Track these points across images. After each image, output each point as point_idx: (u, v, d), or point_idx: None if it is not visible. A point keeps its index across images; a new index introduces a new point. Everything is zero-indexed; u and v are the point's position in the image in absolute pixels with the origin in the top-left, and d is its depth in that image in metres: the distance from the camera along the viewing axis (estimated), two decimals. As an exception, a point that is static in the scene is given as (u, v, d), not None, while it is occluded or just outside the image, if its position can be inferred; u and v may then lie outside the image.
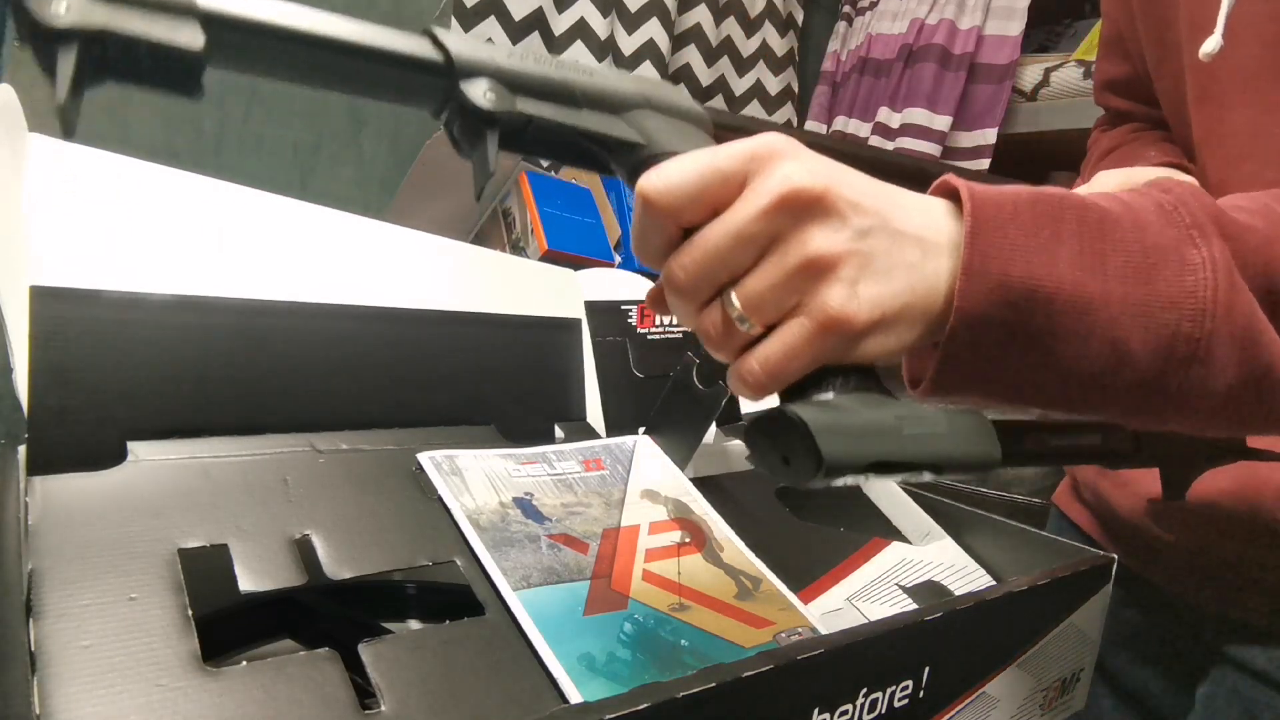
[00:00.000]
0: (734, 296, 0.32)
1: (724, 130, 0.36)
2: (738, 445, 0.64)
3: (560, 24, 1.74)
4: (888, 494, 0.68)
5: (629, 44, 1.82)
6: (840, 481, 0.32)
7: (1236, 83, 0.55)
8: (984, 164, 1.64)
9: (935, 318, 0.32)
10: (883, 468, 0.32)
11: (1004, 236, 0.31)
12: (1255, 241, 0.33)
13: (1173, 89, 0.62)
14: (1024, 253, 0.31)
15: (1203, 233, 0.32)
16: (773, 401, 0.35)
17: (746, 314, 0.32)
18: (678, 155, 0.32)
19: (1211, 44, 0.55)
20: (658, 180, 0.31)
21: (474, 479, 0.49)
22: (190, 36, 0.29)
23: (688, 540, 0.50)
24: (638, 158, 0.34)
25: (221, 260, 0.48)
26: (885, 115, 1.75)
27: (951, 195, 0.34)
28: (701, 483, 0.56)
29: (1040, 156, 1.61)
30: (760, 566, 0.50)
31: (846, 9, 2.00)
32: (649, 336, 0.65)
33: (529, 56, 0.33)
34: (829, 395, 0.33)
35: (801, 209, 0.30)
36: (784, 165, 0.31)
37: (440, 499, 0.47)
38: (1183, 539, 0.60)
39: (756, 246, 0.31)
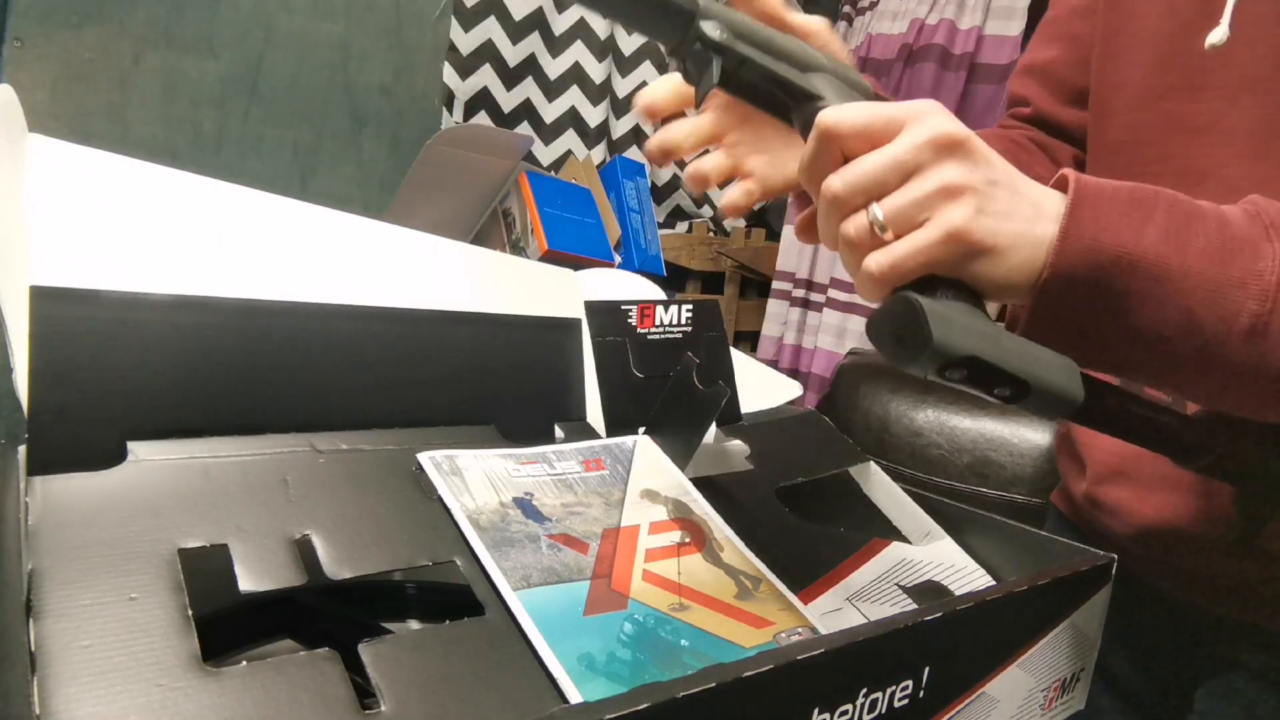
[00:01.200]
0: (877, 208, 0.39)
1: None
2: (738, 445, 0.64)
3: (560, 24, 1.74)
4: (888, 494, 0.68)
5: (629, 44, 1.82)
6: (938, 373, 0.38)
7: (1247, 78, 0.55)
8: (984, 164, 1.64)
9: (1035, 275, 0.39)
10: (978, 367, 0.37)
11: (1099, 210, 0.38)
12: None
13: (1134, 80, 0.61)
14: (1115, 225, 0.37)
15: (1277, 233, 0.38)
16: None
17: (886, 222, 0.39)
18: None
19: (1218, 34, 0.55)
20: (836, 114, 0.39)
21: (474, 479, 0.49)
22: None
23: (688, 540, 0.50)
24: (814, 108, 0.42)
25: (221, 260, 0.48)
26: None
27: (1066, 187, 0.40)
28: (701, 483, 0.56)
29: (1040, 156, 1.61)
30: (760, 566, 0.50)
31: (846, 9, 2.00)
32: (649, 336, 0.65)
33: (751, 21, 0.44)
34: (940, 298, 0.39)
35: (946, 148, 0.38)
36: (936, 116, 0.39)
37: (440, 499, 0.47)
38: (1176, 558, 0.60)
39: (904, 172, 0.38)
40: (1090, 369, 0.41)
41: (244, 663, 0.33)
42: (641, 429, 0.60)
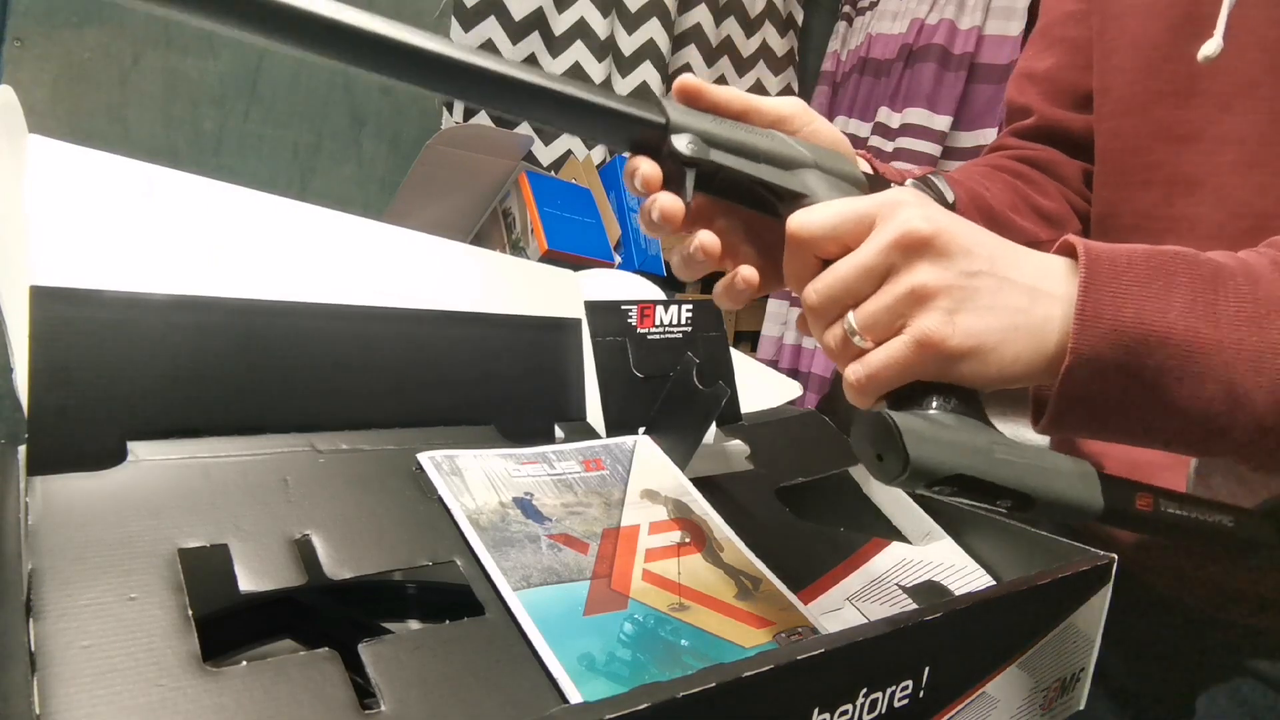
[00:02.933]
0: (851, 316, 0.37)
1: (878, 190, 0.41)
2: (738, 445, 0.64)
3: (560, 24, 1.74)
4: (888, 494, 0.68)
5: (629, 44, 1.82)
6: (927, 489, 0.36)
7: (1241, 85, 0.54)
8: (984, 164, 1.64)
9: (1046, 359, 0.36)
10: (968, 483, 0.35)
11: (1117, 285, 0.35)
12: None
13: (1121, 86, 0.60)
14: (1136, 300, 0.35)
15: None
16: None
17: (860, 331, 0.37)
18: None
19: (1212, 46, 0.54)
20: (804, 218, 0.38)
21: (474, 479, 0.49)
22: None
23: (688, 540, 0.50)
24: (801, 206, 0.40)
25: (222, 261, 0.48)
26: (885, 115, 1.75)
27: (1070, 253, 0.38)
28: (701, 483, 0.56)
29: (1040, 156, 1.61)
30: (760, 566, 0.50)
31: (846, 9, 2.00)
32: (649, 336, 0.65)
33: (726, 124, 0.42)
34: (930, 410, 0.37)
35: (914, 247, 0.36)
36: (905, 211, 0.36)
37: (440, 499, 0.47)
38: (1179, 563, 0.60)
39: (875, 277, 0.36)
40: (1141, 445, 0.39)
41: (244, 663, 0.33)
42: (641, 429, 0.60)
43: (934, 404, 0.37)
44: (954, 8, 1.69)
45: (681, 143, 0.40)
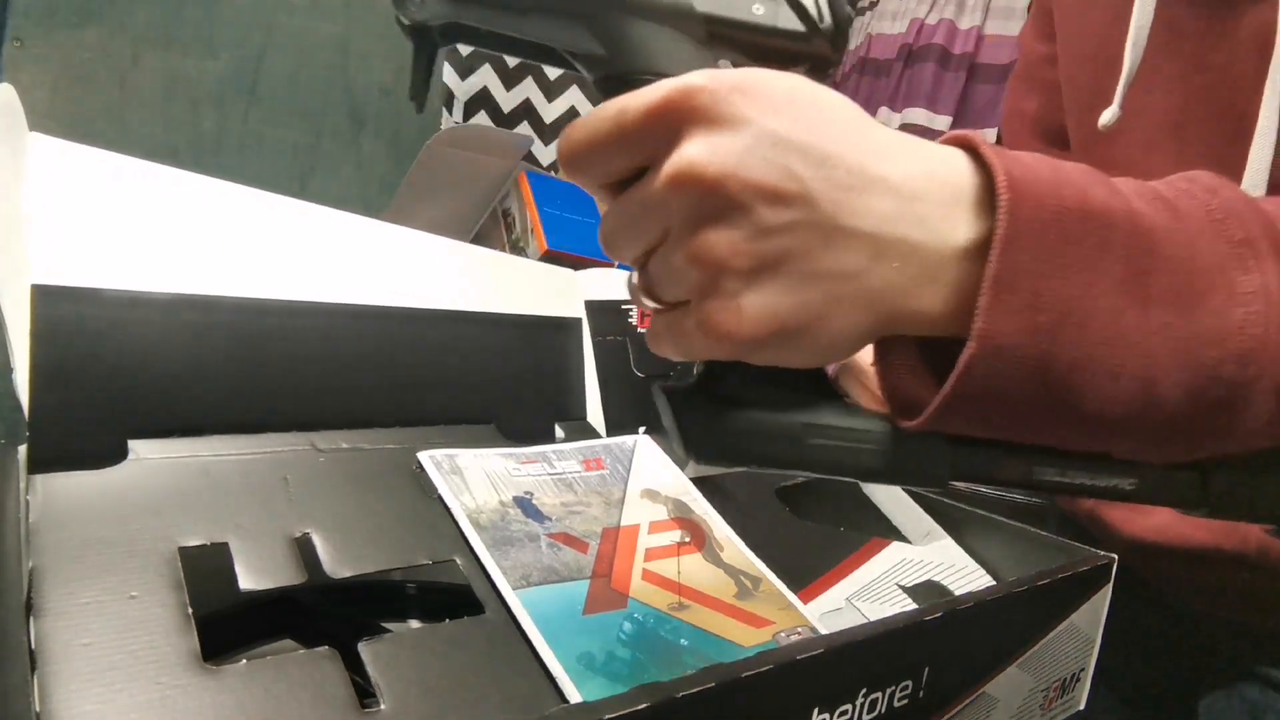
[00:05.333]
0: (633, 276, 0.29)
1: (718, 34, 0.30)
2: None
3: (560, 24, 1.74)
4: (888, 493, 0.68)
5: (629, 44, 1.82)
6: (727, 468, 0.29)
7: (1136, 152, 0.54)
8: (984, 164, 1.64)
9: (888, 332, 0.28)
10: (775, 466, 0.29)
11: (1043, 242, 0.25)
12: None
13: (1073, 126, 0.62)
14: (1061, 268, 0.26)
15: (1254, 251, 0.27)
16: None
17: (642, 294, 0.29)
18: (631, 91, 0.27)
19: (1108, 115, 0.53)
20: (565, 134, 0.27)
21: (474, 478, 0.49)
22: None
23: (687, 540, 0.50)
24: (605, 72, 0.29)
25: (222, 261, 0.48)
26: (885, 115, 1.75)
27: (969, 149, 0.28)
28: (701, 482, 0.56)
29: (1040, 157, 1.61)
30: (760, 566, 0.50)
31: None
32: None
33: None
34: (735, 379, 0.29)
35: (693, 194, 0.25)
36: (687, 140, 0.25)
37: (440, 498, 0.47)
38: (1182, 569, 0.60)
39: (652, 231, 0.27)
40: (1023, 440, 0.30)
41: (244, 661, 0.33)
42: (641, 428, 0.60)
43: (743, 372, 0.29)
44: (954, 8, 1.69)
45: (413, 4, 0.27)
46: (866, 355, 0.30)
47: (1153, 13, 0.51)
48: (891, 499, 0.67)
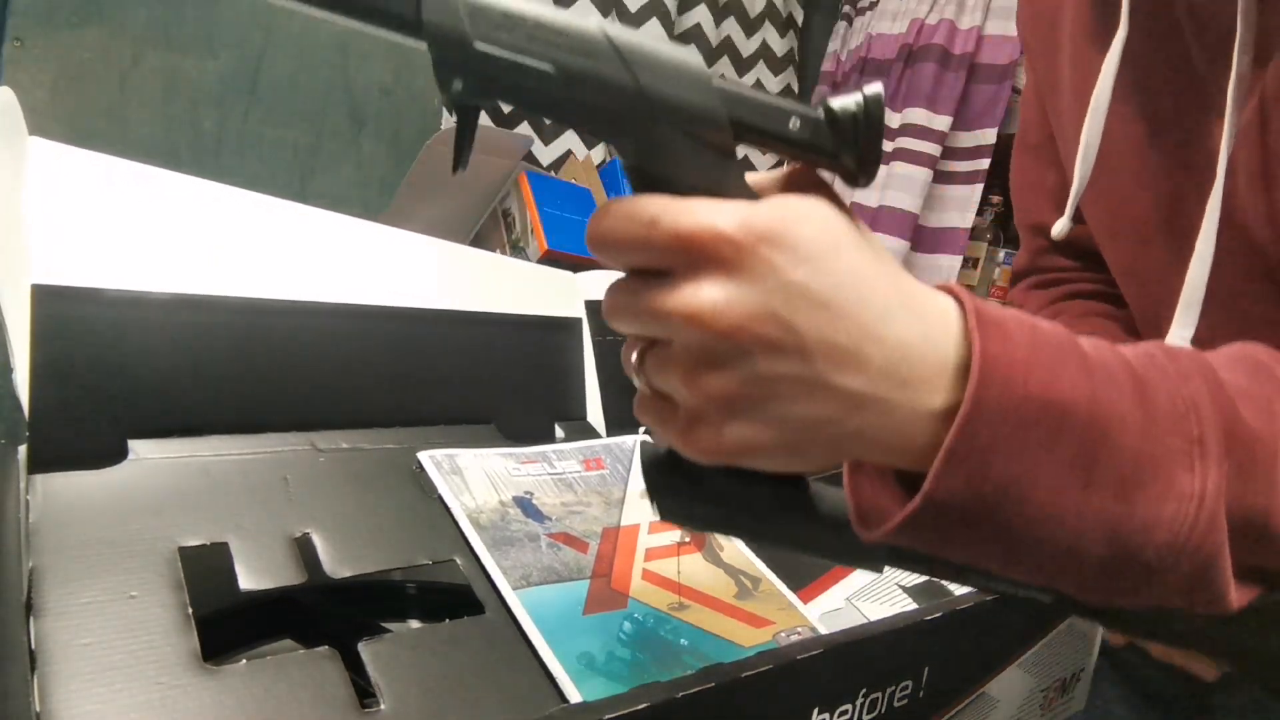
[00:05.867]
0: (633, 361, 0.31)
1: (753, 141, 0.30)
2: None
3: (560, 24, 1.74)
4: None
5: (629, 44, 1.82)
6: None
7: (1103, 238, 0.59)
8: (984, 164, 1.64)
9: (848, 463, 0.31)
10: (734, 535, 0.32)
11: (999, 430, 0.28)
12: (1262, 457, 0.31)
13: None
14: (1008, 453, 0.28)
15: (1203, 452, 0.30)
16: None
17: (634, 374, 0.31)
18: (658, 196, 0.28)
19: (1059, 227, 0.56)
20: (596, 219, 0.29)
21: (474, 478, 0.49)
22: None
23: (687, 540, 0.50)
24: (633, 164, 0.30)
25: (222, 261, 0.48)
26: (885, 115, 1.75)
27: (958, 319, 0.30)
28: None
29: (1040, 157, 1.61)
30: (760, 566, 0.50)
31: (846, 9, 2.00)
32: (649, 336, 0.65)
33: (528, 29, 0.27)
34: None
35: (703, 337, 0.27)
36: (708, 280, 0.27)
37: (440, 498, 0.47)
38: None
39: (657, 335, 0.29)
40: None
41: (244, 661, 0.33)
42: (641, 428, 0.60)
43: None
44: (954, 8, 1.69)
45: (449, 81, 0.27)
46: None
47: (1100, 131, 0.55)
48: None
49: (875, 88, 0.30)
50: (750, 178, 0.31)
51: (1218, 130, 0.48)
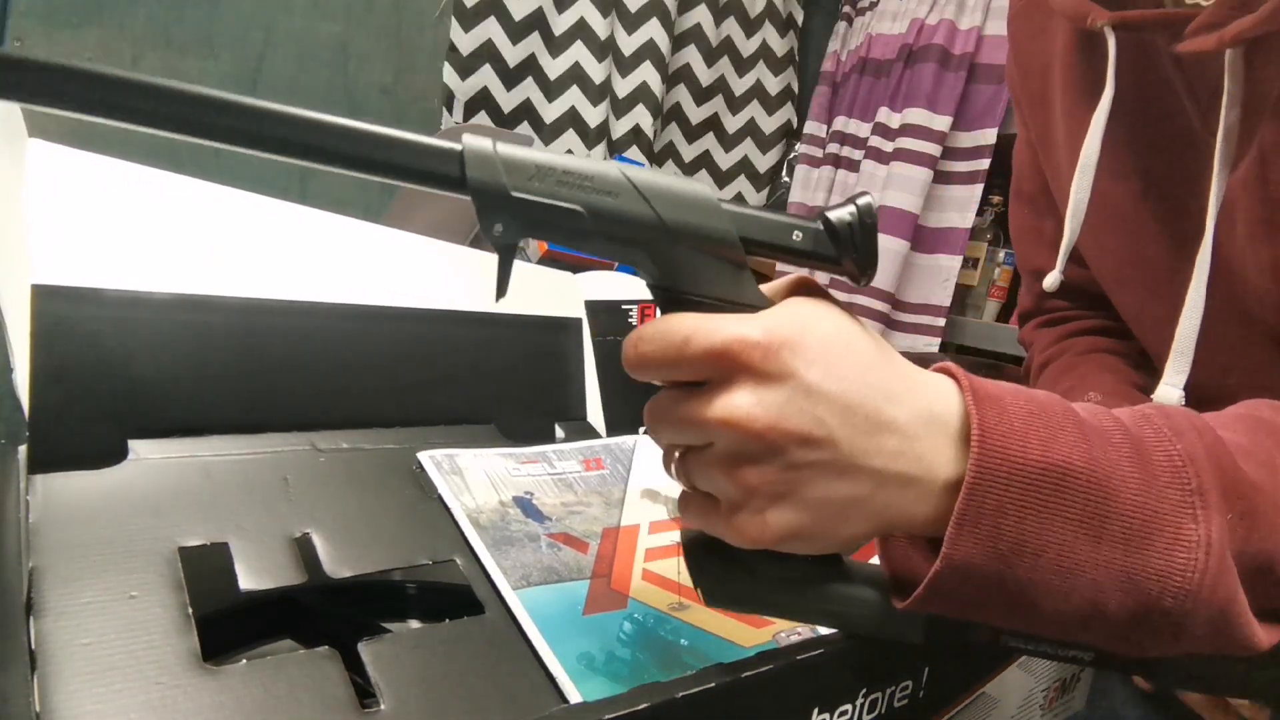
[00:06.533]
0: (673, 466, 0.35)
1: (761, 254, 0.34)
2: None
3: (560, 24, 1.74)
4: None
5: (629, 44, 1.82)
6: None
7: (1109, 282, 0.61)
8: (984, 164, 1.64)
9: (884, 533, 0.34)
10: (775, 615, 0.36)
11: (1005, 494, 0.31)
12: (1264, 506, 0.33)
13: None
14: (1019, 513, 0.31)
15: (1204, 502, 0.32)
16: None
17: (677, 478, 0.35)
18: (671, 316, 0.32)
19: (1050, 280, 0.59)
20: (633, 342, 0.33)
21: (474, 478, 0.49)
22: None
23: (687, 540, 0.50)
24: (658, 284, 0.34)
25: (222, 261, 0.48)
26: (885, 115, 1.75)
27: (956, 394, 0.33)
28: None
29: (1040, 157, 1.61)
30: (760, 566, 0.50)
31: (846, 9, 2.00)
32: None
33: (557, 178, 0.32)
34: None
35: (740, 439, 0.31)
36: (739, 387, 0.31)
37: (440, 498, 0.47)
38: None
39: (696, 441, 0.33)
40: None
41: (244, 661, 0.33)
42: (642, 428, 0.60)
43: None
44: (954, 8, 1.69)
45: (494, 229, 0.32)
46: None
47: (1089, 188, 0.56)
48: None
49: (866, 199, 0.34)
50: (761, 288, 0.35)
51: (1211, 179, 0.49)
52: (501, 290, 0.34)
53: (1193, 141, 0.52)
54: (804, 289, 0.35)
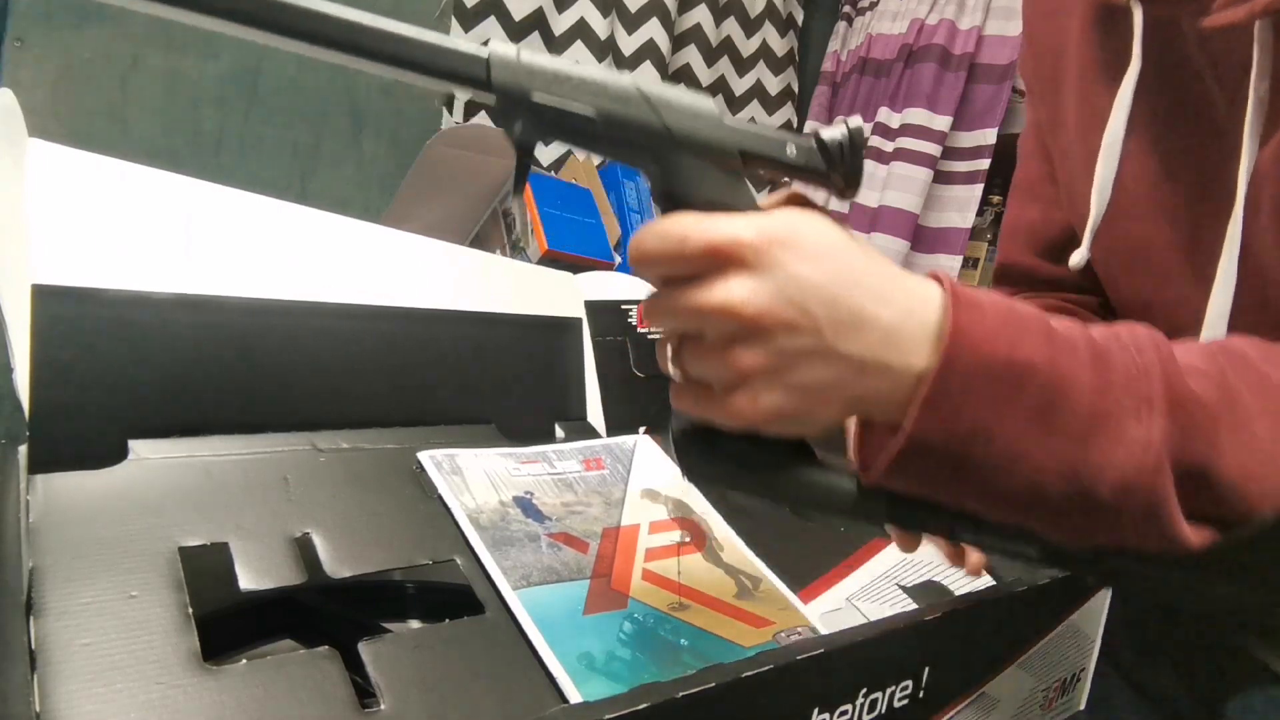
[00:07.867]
0: (669, 353, 0.37)
1: (756, 165, 0.37)
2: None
3: (560, 24, 1.74)
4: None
5: (629, 44, 1.82)
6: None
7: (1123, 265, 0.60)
8: (984, 164, 1.64)
9: (861, 420, 0.37)
10: (751, 493, 0.39)
11: (968, 386, 0.34)
12: (1201, 419, 0.36)
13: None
14: (978, 404, 0.34)
15: (1150, 408, 0.35)
16: None
17: (673, 365, 0.37)
18: (683, 214, 0.35)
19: (1077, 257, 0.59)
20: (636, 241, 0.35)
21: (474, 478, 0.49)
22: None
23: (688, 540, 0.50)
24: (661, 189, 0.37)
25: (221, 264, 0.48)
26: (885, 115, 1.75)
27: (942, 311, 0.35)
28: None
29: (1040, 157, 1.61)
30: (760, 566, 0.50)
31: (846, 9, 1.99)
32: (649, 336, 0.65)
33: (574, 83, 0.34)
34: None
35: (733, 324, 0.34)
36: (734, 277, 0.34)
37: (440, 498, 0.47)
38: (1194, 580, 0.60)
39: (692, 329, 0.35)
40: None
41: (244, 661, 0.33)
42: (642, 428, 0.60)
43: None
44: (954, 8, 1.68)
45: (511, 124, 0.34)
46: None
47: (1115, 166, 0.56)
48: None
49: (856, 120, 0.37)
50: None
51: (1237, 161, 0.49)
52: (518, 188, 0.37)
53: (1214, 122, 0.51)
54: (798, 202, 0.38)
